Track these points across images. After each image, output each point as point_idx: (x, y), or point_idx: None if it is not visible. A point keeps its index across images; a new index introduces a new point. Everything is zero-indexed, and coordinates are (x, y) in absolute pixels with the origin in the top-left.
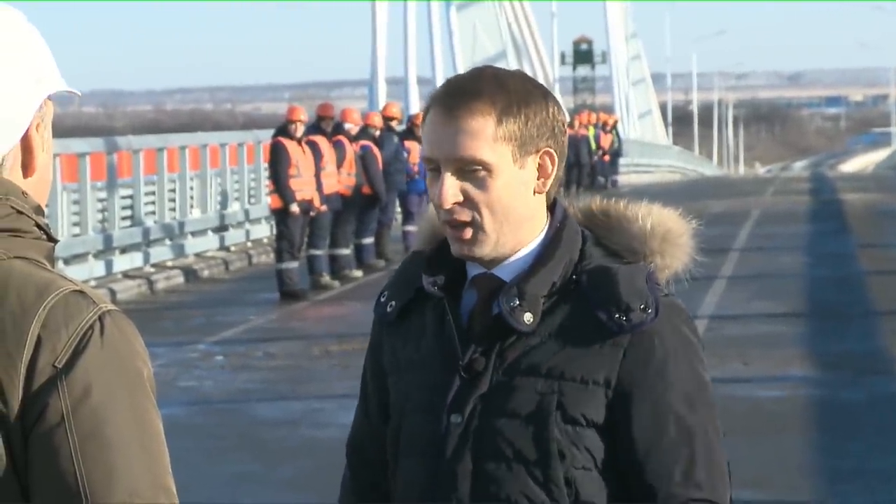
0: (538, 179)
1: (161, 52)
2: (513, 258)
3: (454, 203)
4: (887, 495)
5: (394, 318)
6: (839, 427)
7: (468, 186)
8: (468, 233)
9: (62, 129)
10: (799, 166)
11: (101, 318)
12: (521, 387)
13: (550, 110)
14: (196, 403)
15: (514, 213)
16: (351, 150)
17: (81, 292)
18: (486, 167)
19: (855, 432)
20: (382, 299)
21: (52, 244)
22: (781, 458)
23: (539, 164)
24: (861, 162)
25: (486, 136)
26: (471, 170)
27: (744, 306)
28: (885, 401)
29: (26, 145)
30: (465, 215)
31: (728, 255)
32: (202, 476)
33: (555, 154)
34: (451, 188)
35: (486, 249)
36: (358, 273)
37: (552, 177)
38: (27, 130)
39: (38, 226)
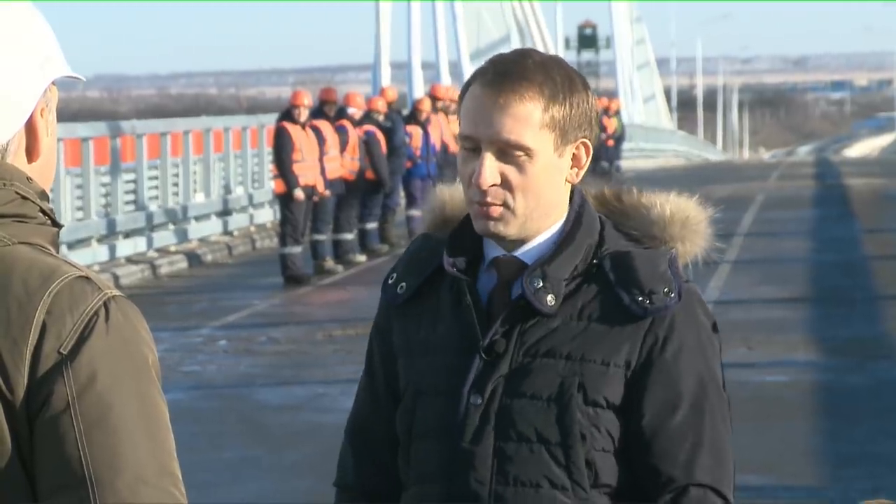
0: (571, 169)
1: (165, 37)
2: (534, 242)
3: (491, 185)
4: (891, 480)
5: (405, 300)
6: (843, 412)
7: (507, 169)
8: (497, 211)
9: (66, 114)
10: (804, 151)
11: (105, 304)
12: (543, 369)
13: (590, 100)
14: (199, 388)
15: (545, 199)
16: (354, 134)
17: (86, 278)
18: (528, 152)
19: (859, 417)
20: (391, 281)
21: (57, 229)
22: (786, 443)
23: (574, 154)
24: (866, 146)
25: (533, 122)
26: (512, 153)
27: (748, 291)
28: (890, 385)
29: (31, 130)
30: (498, 198)
31: (732, 239)
32: (205, 461)
33: (590, 145)
34: (491, 170)
35: (511, 230)
36: (362, 258)
37: (585, 167)
38: (31, 115)
39: (43, 211)
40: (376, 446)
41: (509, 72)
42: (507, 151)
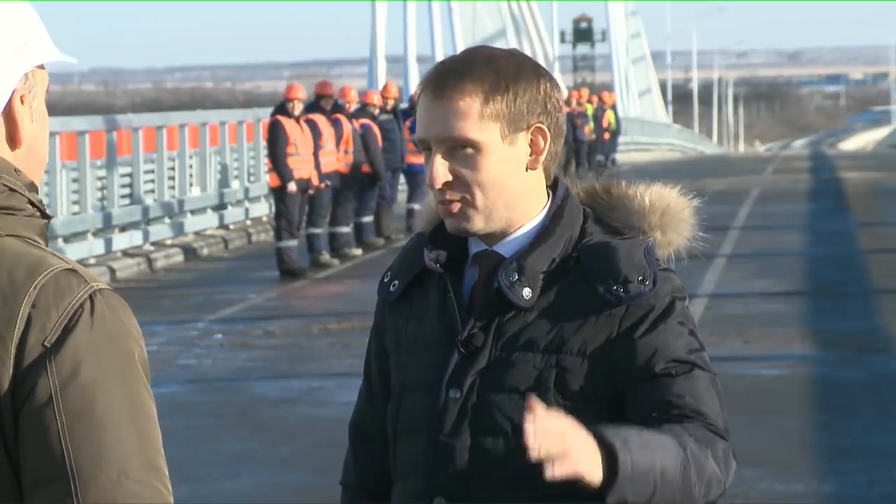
0: (530, 156)
1: (161, 31)
2: (514, 235)
3: (445, 183)
4: (887, 473)
5: (396, 297)
6: (838, 405)
7: (458, 166)
8: (457, 207)
9: (62, 107)
10: (799, 144)
11: (91, 297)
12: (520, 362)
13: (541, 87)
14: (195, 382)
15: (506, 190)
16: (349, 127)
17: (73, 271)
18: (475, 146)
19: (854, 411)
20: (386, 279)
21: (46, 221)
22: (781, 437)
23: (531, 141)
24: (861, 140)
25: (473, 115)
26: (460, 149)
27: (744, 285)
28: (885, 379)
29: (9, 117)
30: (456, 195)
31: (728, 233)
32: (201, 454)
33: (546, 130)
34: (441, 169)
35: (476, 225)
36: (357, 251)
37: (545, 152)
38: (10, 102)
39: (32, 203)
40: (373, 444)
41: (451, 70)
42: (456, 148)
